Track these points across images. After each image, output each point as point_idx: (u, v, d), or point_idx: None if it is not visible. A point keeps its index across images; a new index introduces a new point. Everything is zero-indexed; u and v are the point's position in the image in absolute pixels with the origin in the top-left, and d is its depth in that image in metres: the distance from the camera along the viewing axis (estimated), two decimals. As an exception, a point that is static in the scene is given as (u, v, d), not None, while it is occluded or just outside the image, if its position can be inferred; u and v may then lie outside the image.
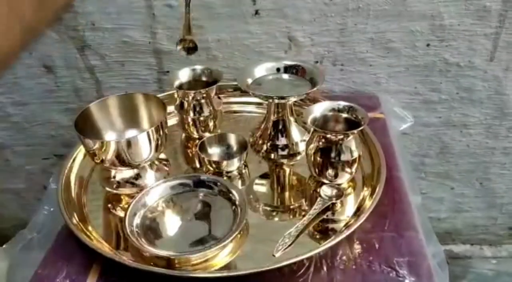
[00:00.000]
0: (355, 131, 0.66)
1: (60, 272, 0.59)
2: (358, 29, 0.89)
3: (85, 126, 0.69)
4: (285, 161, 0.78)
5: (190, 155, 0.84)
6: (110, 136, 0.74)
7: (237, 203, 0.66)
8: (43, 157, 1.12)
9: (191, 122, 0.82)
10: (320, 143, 0.67)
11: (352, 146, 0.67)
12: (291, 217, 0.68)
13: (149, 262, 0.59)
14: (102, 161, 0.68)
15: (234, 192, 0.67)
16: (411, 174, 0.78)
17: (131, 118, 0.76)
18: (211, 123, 0.83)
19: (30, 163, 1.13)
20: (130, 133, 0.75)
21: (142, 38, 0.93)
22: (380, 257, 0.58)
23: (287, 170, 0.78)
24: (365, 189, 0.71)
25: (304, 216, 0.67)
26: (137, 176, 0.72)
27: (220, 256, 0.60)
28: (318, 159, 0.68)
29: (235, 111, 0.93)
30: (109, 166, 0.69)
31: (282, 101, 0.73)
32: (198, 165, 0.80)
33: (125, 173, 0.71)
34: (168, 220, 0.66)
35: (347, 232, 0.59)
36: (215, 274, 0.57)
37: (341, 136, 0.66)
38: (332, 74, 0.95)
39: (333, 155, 0.67)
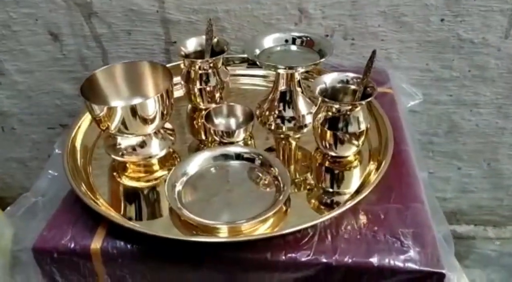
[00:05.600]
0: (363, 102, 0.65)
1: (65, 235, 0.59)
2: (370, 2, 0.87)
3: (91, 93, 0.69)
4: (291, 133, 0.77)
5: (196, 126, 0.83)
6: (115, 103, 0.73)
7: (279, 178, 0.65)
8: (48, 126, 1.11)
9: (197, 93, 0.81)
10: (328, 114, 0.66)
11: (360, 117, 0.66)
12: (295, 190, 0.67)
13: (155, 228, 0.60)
14: (108, 128, 0.67)
15: (276, 166, 0.67)
16: (419, 151, 0.77)
17: (137, 87, 0.75)
18: (217, 95, 0.82)
19: (36, 132, 1.13)
20: (136, 101, 0.74)
21: (149, 7, 0.92)
22: (385, 227, 0.58)
23: (293, 143, 0.77)
24: (371, 162, 0.70)
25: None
26: (143, 144, 0.71)
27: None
28: (325, 130, 0.67)
29: (242, 84, 0.92)
30: (115, 133, 0.68)
31: (290, 71, 0.72)
32: (203, 136, 0.80)
33: (130, 141, 0.71)
34: (208, 190, 0.66)
35: (351, 203, 0.59)
36: (215, 239, 0.58)
37: (349, 107, 0.65)
38: (343, 48, 0.94)
39: (340, 125, 0.66)
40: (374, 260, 0.54)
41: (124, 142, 0.71)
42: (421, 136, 1.04)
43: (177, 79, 0.82)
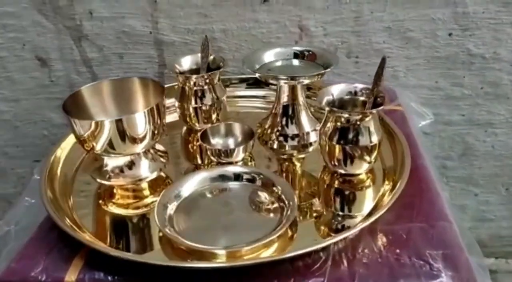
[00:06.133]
0: (374, 110, 0.59)
1: (36, 266, 0.51)
2: (374, 17, 0.83)
3: (75, 111, 0.62)
4: (295, 152, 0.70)
5: (192, 150, 0.77)
6: (101, 121, 0.67)
7: (283, 197, 0.58)
8: (34, 159, 1.04)
9: (192, 113, 0.75)
10: (337, 124, 0.60)
11: (371, 129, 0.59)
12: (302, 216, 0.59)
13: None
14: (93, 148, 0.61)
15: (279, 185, 0.60)
16: (437, 174, 0.70)
17: (126, 104, 0.69)
18: (214, 115, 0.76)
19: (21, 166, 1.06)
20: (125, 119, 0.68)
21: (142, 28, 0.88)
22: (409, 249, 0.50)
23: (298, 164, 0.70)
24: (386, 182, 0.63)
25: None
26: (131, 164, 0.64)
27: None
28: (333, 144, 0.60)
29: (240, 107, 0.86)
30: (101, 153, 0.62)
31: (292, 83, 0.66)
32: (199, 160, 0.73)
33: (117, 161, 0.64)
34: (204, 213, 0.59)
35: (368, 221, 0.52)
36: (211, 265, 0.50)
37: (359, 116, 0.58)
38: (346, 67, 0.88)
39: (350, 138, 0.59)
40: (400, 286, 0.46)
41: (111, 162, 0.64)
42: (434, 160, 0.96)
43: (171, 101, 0.77)
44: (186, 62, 0.77)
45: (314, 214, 0.59)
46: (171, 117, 0.80)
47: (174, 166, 0.71)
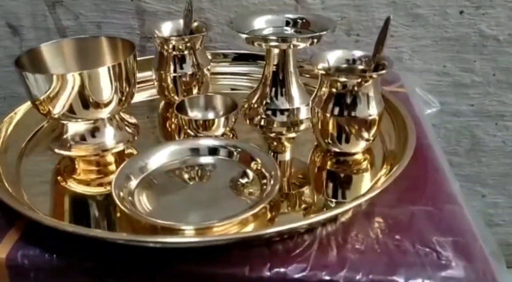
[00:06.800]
0: (375, 74, 0.50)
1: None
2: (378, -10, 0.76)
3: (31, 71, 0.54)
4: (284, 130, 0.62)
5: (170, 128, 0.68)
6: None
7: (263, 171, 0.50)
8: (2, 139, 0.96)
9: (171, 84, 0.67)
10: (332, 91, 0.51)
11: (371, 98, 0.51)
12: (289, 208, 0.50)
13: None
14: (49, 112, 0.52)
15: (258, 157, 0.52)
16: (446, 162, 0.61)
17: (92, 66, 0.60)
18: (195, 89, 0.68)
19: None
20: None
21: (123, -6, 0.80)
22: (412, 235, 0.41)
23: (287, 144, 0.61)
24: (385, 166, 0.54)
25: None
26: (94, 131, 0.55)
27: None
28: (327, 116, 0.52)
29: (223, 86, 0.77)
30: (59, 117, 0.53)
31: (284, 45, 0.58)
32: (177, 137, 0.65)
33: (78, 126, 0.55)
34: (172, 189, 0.51)
35: (360, 200, 0.43)
36: (168, 239, 0.41)
37: (358, 80, 0.50)
38: (346, 46, 0.80)
39: (346, 108, 0.51)
40: (401, 277, 0.37)
41: (72, 128, 0.55)
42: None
43: (148, 73, 0.70)
44: (167, 28, 0.69)
45: (302, 199, 0.51)
46: (149, 93, 0.73)
47: (149, 143, 0.63)
